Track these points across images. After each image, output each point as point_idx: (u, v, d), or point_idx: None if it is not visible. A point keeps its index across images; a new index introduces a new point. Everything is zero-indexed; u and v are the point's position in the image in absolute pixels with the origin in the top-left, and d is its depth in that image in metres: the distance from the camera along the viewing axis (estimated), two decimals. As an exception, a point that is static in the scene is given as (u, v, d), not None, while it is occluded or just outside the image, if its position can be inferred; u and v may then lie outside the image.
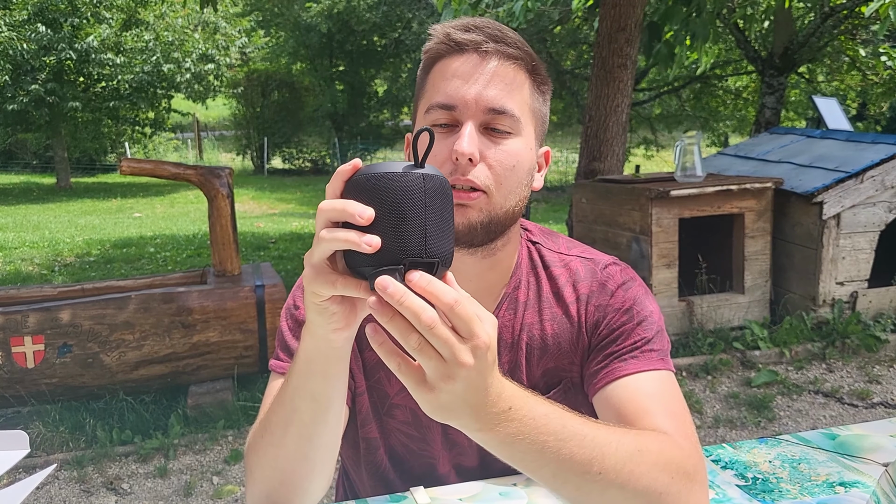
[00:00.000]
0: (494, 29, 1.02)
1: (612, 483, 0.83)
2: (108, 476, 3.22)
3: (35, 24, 14.71)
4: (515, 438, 0.77)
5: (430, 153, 0.76)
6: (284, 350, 1.12)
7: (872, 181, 4.32)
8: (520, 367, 1.14)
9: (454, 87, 0.99)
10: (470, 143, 0.96)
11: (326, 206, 0.69)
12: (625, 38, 5.12)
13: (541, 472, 0.81)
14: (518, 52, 1.02)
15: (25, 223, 11.03)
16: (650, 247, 4.30)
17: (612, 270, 1.15)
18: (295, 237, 9.29)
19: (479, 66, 1.00)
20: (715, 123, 18.84)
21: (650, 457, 0.87)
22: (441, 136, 1.00)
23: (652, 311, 1.13)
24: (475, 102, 0.98)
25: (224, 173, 3.81)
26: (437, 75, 1.03)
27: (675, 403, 1.02)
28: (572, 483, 0.82)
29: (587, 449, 0.81)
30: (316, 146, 23.79)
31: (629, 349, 1.08)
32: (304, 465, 0.94)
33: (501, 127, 1.00)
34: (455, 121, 1.00)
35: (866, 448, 1.27)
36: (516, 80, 1.02)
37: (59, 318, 3.49)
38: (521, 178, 1.03)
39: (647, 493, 0.85)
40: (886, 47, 11.82)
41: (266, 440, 0.95)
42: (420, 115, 1.05)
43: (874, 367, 4.22)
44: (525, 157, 1.03)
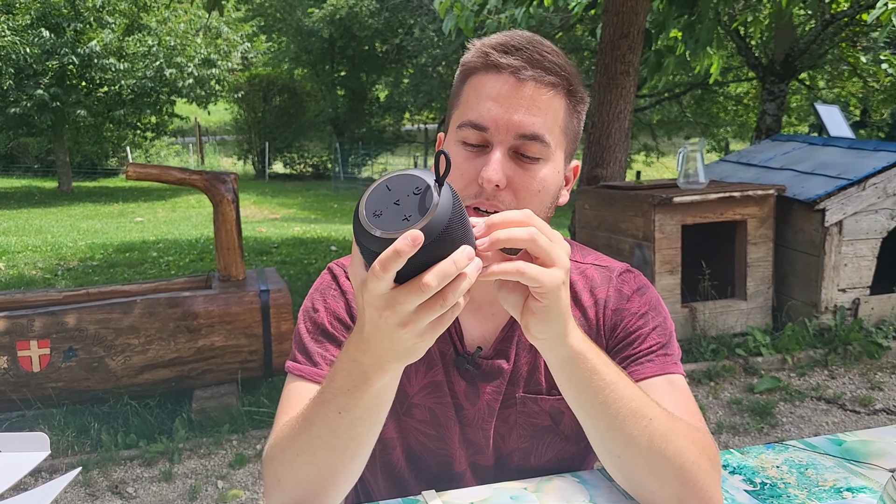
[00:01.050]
0: (534, 51, 1.01)
1: (659, 434, 0.94)
2: (113, 480, 3.23)
3: (38, 29, 14.77)
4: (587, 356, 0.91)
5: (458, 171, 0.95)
6: (302, 352, 1.14)
7: (874, 188, 4.34)
8: (539, 368, 1.17)
9: (487, 109, 1.00)
10: (497, 170, 0.98)
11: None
12: (627, 45, 5.14)
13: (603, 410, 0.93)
14: (555, 77, 1.02)
15: (28, 227, 11.05)
16: (653, 253, 4.32)
17: (626, 277, 1.19)
18: (297, 242, 9.31)
19: (515, 91, 1.00)
20: (715, 129, 18.89)
21: (684, 429, 0.98)
22: (470, 155, 1.02)
23: (665, 316, 1.17)
24: (507, 128, 1.00)
25: (229, 179, 3.83)
26: (472, 91, 1.04)
27: (692, 405, 1.08)
28: (629, 423, 0.93)
29: (638, 396, 0.94)
30: (317, 151, 23.87)
31: (645, 353, 1.12)
32: (349, 477, 0.98)
33: (531, 153, 1.01)
34: (485, 141, 1.01)
35: (873, 454, 1.28)
36: (552, 104, 1.02)
37: (65, 323, 3.51)
38: (547, 200, 1.05)
39: (681, 457, 0.95)
40: (887, 54, 11.84)
41: (307, 460, 0.95)
42: (453, 126, 1.06)
43: (876, 373, 4.23)
44: (552, 181, 1.05)
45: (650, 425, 0.93)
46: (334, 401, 0.89)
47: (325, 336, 1.14)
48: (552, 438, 1.20)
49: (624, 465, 0.98)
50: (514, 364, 1.17)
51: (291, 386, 1.11)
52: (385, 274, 0.69)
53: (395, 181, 0.72)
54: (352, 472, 0.97)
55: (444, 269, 0.69)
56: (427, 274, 0.69)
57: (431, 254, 0.70)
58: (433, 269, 0.69)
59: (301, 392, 1.08)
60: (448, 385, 1.17)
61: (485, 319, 1.17)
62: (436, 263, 0.70)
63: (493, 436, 1.19)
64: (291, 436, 0.98)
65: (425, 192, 0.71)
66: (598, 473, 1.18)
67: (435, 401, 1.17)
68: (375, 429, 0.93)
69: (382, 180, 0.73)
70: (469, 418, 1.18)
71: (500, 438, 1.19)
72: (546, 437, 1.20)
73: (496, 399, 1.17)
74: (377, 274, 0.69)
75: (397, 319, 0.73)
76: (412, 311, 0.72)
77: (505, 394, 1.17)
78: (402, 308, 0.72)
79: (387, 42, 21.98)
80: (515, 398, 1.17)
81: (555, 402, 1.18)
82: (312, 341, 1.14)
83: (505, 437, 1.19)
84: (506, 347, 1.16)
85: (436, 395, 1.17)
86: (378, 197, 0.72)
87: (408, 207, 0.71)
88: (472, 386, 1.16)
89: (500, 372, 1.16)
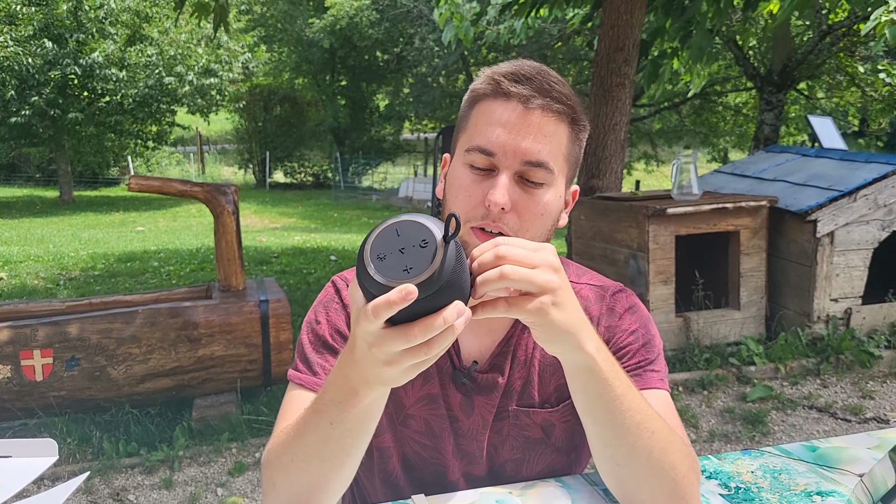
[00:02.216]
0: (543, 81, 1.06)
1: (659, 447, 0.99)
2: (114, 487, 3.28)
3: (41, 40, 14.84)
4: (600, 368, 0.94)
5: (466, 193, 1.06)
6: (304, 362, 1.18)
7: (865, 199, 4.40)
8: (531, 383, 1.22)
9: (496, 135, 1.05)
10: (503, 193, 1.02)
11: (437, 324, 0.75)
12: (623, 58, 5.21)
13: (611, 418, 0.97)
14: (562, 106, 1.06)
15: (29, 237, 11.10)
16: (647, 263, 4.37)
17: (619, 297, 1.25)
18: (297, 252, 9.35)
19: (523, 118, 1.05)
20: (715, 139, 18.94)
21: (679, 443, 1.03)
22: (477, 178, 1.06)
23: (654, 335, 1.23)
24: (514, 153, 1.04)
25: (230, 190, 3.89)
26: (480, 116, 1.08)
27: (676, 420, 1.13)
28: (633, 434, 0.98)
29: (644, 408, 0.99)
30: (318, 160, 23.91)
31: (634, 367, 1.17)
32: (340, 483, 1.03)
33: (535, 179, 1.06)
34: (492, 165, 1.06)
35: (844, 460, 1.32)
36: (557, 132, 1.07)
37: (68, 332, 3.56)
38: (548, 224, 1.10)
39: (675, 470, 1.01)
40: (885, 64, 11.90)
41: (301, 466, 1.00)
42: (460, 148, 1.10)
43: (868, 382, 4.28)
44: (554, 206, 1.10)
45: (652, 438, 0.98)
46: (326, 412, 0.93)
47: (326, 348, 1.18)
48: (543, 450, 1.24)
49: (621, 472, 1.02)
50: (509, 378, 1.21)
51: (292, 394, 1.16)
52: (375, 319, 0.74)
53: (405, 227, 0.75)
54: (342, 480, 1.02)
55: (432, 323, 0.74)
56: (416, 325, 0.74)
57: (425, 306, 0.74)
58: (423, 321, 0.74)
59: (300, 400, 1.12)
60: (443, 397, 1.21)
61: (482, 335, 1.21)
62: (428, 314, 0.74)
63: (486, 447, 1.23)
64: (287, 442, 1.02)
65: (431, 246, 0.74)
66: (581, 478, 1.23)
67: (430, 412, 1.21)
68: (364, 440, 0.97)
69: (393, 223, 0.76)
70: (464, 430, 1.22)
71: (494, 449, 1.24)
72: (538, 448, 1.24)
73: (490, 412, 1.21)
74: (368, 316, 0.74)
75: (383, 357, 0.78)
76: (398, 352, 0.77)
77: (498, 407, 1.21)
78: (389, 349, 0.77)
79: (387, 52, 22.07)
80: (508, 411, 1.21)
81: (546, 415, 1.22)
82: (314, 352, 1.18)
83: (498, 448, 1.24)
84: (501, 362, 1.20)
85: (431, 406, 1.21)
86: (385, 240, 0.75)
87: (411, 258, 0.73)
88: (468, 399, 1.21)
89: (495, 385, 1.20)
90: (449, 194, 1.11)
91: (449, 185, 1.12)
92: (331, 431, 0.94)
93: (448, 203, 1.11)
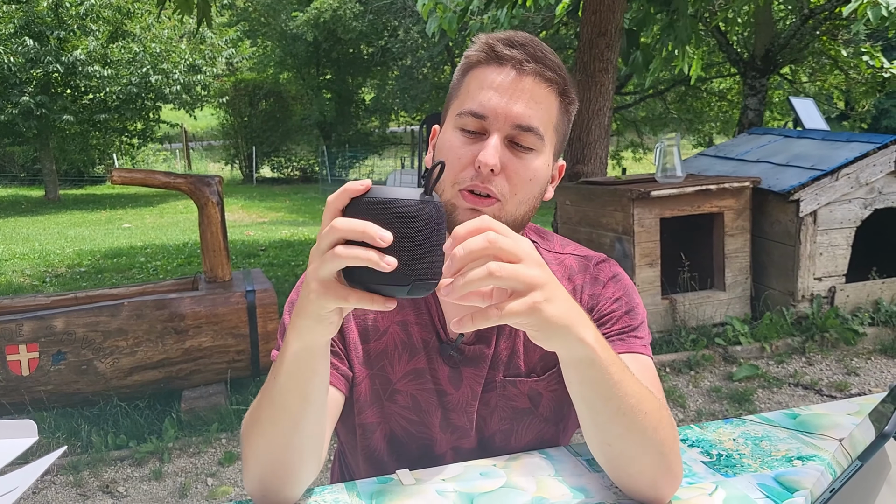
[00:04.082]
0: (536, 49, 1.07)
1: (651, 427, 0.98)
2: (103, 480, 3.27)
3: (22, 38, 14.72)
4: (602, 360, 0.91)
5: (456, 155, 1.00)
6: None
7: (847, 178, 4.42)
8: (517, 353, 1.23)
9: (488, 98, 1.06)
10: (494, 154, 1.03)
11: (343, 225, 0.75)
12: (605, 43, 5.22)
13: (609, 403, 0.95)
14: (554, 75, 1.08)
15: (15, 235, 11.03)
16: (633, 247, 4.39)
17: (602, 266, 1.26)
18: (285, 245, 9.34)
19: (516, 83, 1.06)
20: (700, 126, 18.98)
21: (668, 418, 1.03)
22: (468, 141, 1.07)
23: (637, 303, 1.24)
24: (505, 116, 1.05)
25: (214, 181, 3.88)
26: (473, 82, 1.09)
27: (657, 386, 1.13)
28: (628, 418, 0.96)
29: (639, 391, 0.97)
30: (304, 155, 23.84)
31: (617, 333, 1.18)
32: (293, 454, 1.01)
33: (525, 143, 1.07)
34: (483, 129, 1.06)
35: (825, 426, 1.33)
36: (547, 100, 1.08)
37: (53, 326, 3.55)
38: (535, 190, 1.11)
39: (664, 446, 1.00)
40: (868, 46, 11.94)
41: (257, 431, 1.01)
42: (452, 115, 1.11)
43: (852, 359, 4.32)
44: (542, 173, 1.10)
45: (645, 419, 0.97)
46: (273, 368, 0.96)
47: None
48: (531, 421, 1.25)
49: (611, 451, 1.02)
50: (495, 349, 1.21)
51: None
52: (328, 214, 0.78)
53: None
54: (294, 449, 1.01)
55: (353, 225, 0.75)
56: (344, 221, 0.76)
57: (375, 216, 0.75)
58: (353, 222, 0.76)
59: None
60: (430, 372, 1.21)
61: (466, 307, 1.23)
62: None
63: (475, 419, 1.24)
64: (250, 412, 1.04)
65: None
66: (564, 450, 1.23)
67: (417, 387, 1.22)
68: (302, 401, 0.96)
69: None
70: (453, 403, 1.22)
71: (483, 421, 1.24)
72: (525, 419, 1.25)
73: (479, 383, 1.21)
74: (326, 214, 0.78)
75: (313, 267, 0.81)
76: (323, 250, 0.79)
77: (486, 378, 1.22)
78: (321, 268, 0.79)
79: (372, 45, 21.99)
80: (496, 382, 1.22)
81: (533, 385, 1.23)
82: None
83: (487, 419, 1.24)
84: (487, 333, 1.20)
85: (418, 381, 1.22)
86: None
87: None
88: (456, 371, 1.21)
89: (482, 357, 1.21)
90: (438, 158, 1.11)
91: (439, 149, 1.12)
92: (272, 388, 0.96)
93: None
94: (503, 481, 1.14)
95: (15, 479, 0.92)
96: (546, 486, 1.12)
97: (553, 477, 1.14)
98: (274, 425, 0.98)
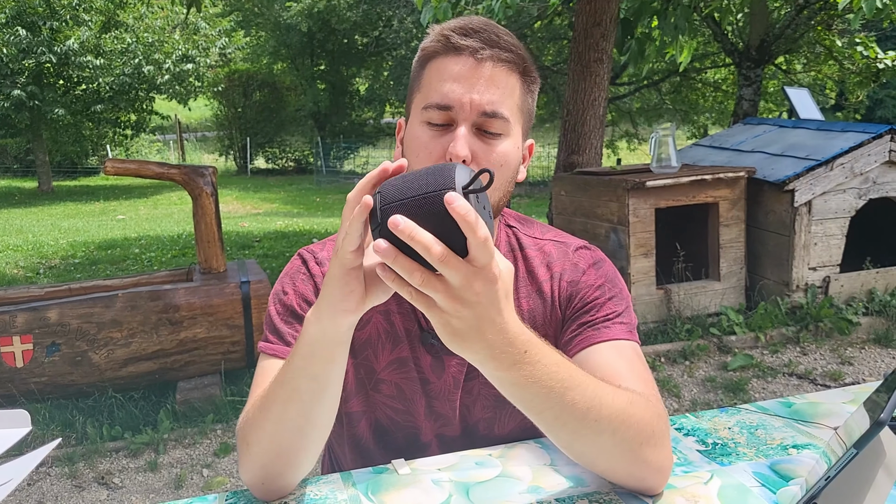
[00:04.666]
0: (491, 33, 1.08)
1: (606, 430, 0.94)
2: (99, 471, 3.27)
3: (14, 28, 14.63)
4: (528, 381, 0.87)
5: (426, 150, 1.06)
6: (273, 333, 1.18)
7: (842, 168, 4.43)
8: None
9: (450, 89, 1.06)
10: (464, 145, 1.04)
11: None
12: (600, 33, 5.20)
13: (544, 415, 0.92)
14: (511, 55, 1.08)
15: (8, 227, 10.99)
16: (628, 237, 4.39)
17: (582, 252, 1.25)
18: (279, 236, 9.32)
19: (475, 70, 1.07)
20: (695, 116, 18.96)
21: (638, 410, 0.98)
22: (436, 134, 1.08)
23: (621, 288, 1.22)
24: (470, 105, 1.06)
25: (208, 172, 3.87)
26: (433, 74, 1.10)
27: (644, 370, 1.12)
28: (570, 427, 0.93)
29: (588, 398, 0.92)
30: (299, 146, 23.75)
31: (601, 320, 1.17)
32: (301, 440, 1.02)
33: (493, 129, 1.08)
34: (450, 120, 1.07)
35: (820, 414, 1.33)
36: (508, 82, 1.09)
37: (47, 318, 3.54)
38: (509, 174, 1.12)
39: (632, 440, 0.97)
40: (862, 37, 11.93)
41: (265, 415, 1.01)
42: (416, 109, 1.11)
43: (846, 349, 4.33)
44: (513, 156, 1.11)
45: (597, 425, 0.94)
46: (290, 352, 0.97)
47: (295, 317, 1.18)
48: (514, 409, 1.26)
49: (570, 451, 1.01)
50: None
51: (264, 364, 1.16)
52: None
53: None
54: (303, 435, 1.01)
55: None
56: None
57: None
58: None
59: (273, 368, 1.12)
60: (414, 360, 1.22)
61: None
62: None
63: (459, 407, 1.24)
64: (258, 398, 1.04)
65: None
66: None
67: (401, 376, 1.22)
68: (315, 386, 0.96)
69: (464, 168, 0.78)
70: (436, 392, 1.23)
71: (466, 409, 1.25)
72: (508, 406, 1.24)
73: (461, 371, 1.22)
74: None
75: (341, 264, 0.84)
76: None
77: (469, 366, 1.22)
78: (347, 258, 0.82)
79: (366, 35, 21.91)
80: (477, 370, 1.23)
81: None
82: (283, 322, 1.18)
83: (470, 407, 1.25)
84: None
85: (402, 370, 1.22)
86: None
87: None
88: (438, 360, 1.22)
89: None
90: (409, 155, 1.11)
91: (408, 146, 1.12)
92: (285, 371, 0.97)
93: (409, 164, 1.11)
94: (499, 471, 1.14)
95: (9, 472, 0.92)
96: (542, 476, 1.12)
97: (549, 466, 1.15)
98: (285, 409, 0.99)
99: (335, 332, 0.91)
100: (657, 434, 1.00)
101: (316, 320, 0.90)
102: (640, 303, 4.45)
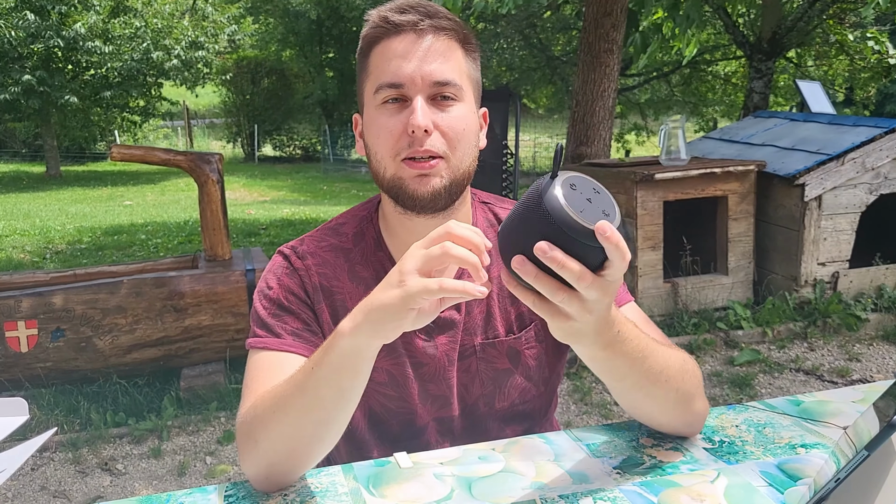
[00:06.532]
0: (427, 7, 1.11)
1: (671, 387, 1.05)
2: (102, 457, 3.28)
3: (22, 12, 14.62)
4: (618, 355, 0.94)
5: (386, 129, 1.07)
6: (262, 327, 1.17)
7: (853, 163, 4.39)
8: (493, 315, 1.24)
9: (398, 66, 1.08)
10: (423, 116, 1.06)
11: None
12: (611, 24, 5.17)
13: (624, 382, 1.01)
14: (449, 23, 1.11)
15: (16, 212, 11.02)
16: (635, 229, 4.36)
17: None
18: (286, 224, 9.32)
19: (417, 43, 1.09)
20: (704, 109, 18.87)
21: (690, 366, 1.10)
22: (393, 112, 1.09)
23: None
24: (420, 78, 1.07)
25: (214, 159, 3.86)
26: (378, 57, 1.11)
27: (654, 328, 1.18)
28: (645, 390, 1.03)
29: (660, 362, 1.01)
30: (306, 133, 23.74)
31: None
32: (317, 444, 1.02)
33: (447, 95, 1.09)
34: (404, 96, 1.09)
35: (829, 413, 1.32)
36: (451, 51, 1.11)
37: (52, 303, 3.54)
38: (471, 139, 1.13)
39: (688, 393, 1.09)
40: (874, 31, 11.86)
41: (281, 418, 1.00)
42: (368, 95, 1.13)
43: (854, 345, 4.31)
44: (471, 120, 1.13)
45: (667, 385, 1.03)
46: (313, 358, 0.96)
47: (282, 309, 1.18)
48: (513, 380, 1.26)
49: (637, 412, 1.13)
50: (467, 314, 1.22)
51: (256, 357, 1.15)
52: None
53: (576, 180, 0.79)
54: (320, 440, 1.01)
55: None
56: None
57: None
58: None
59: (267, 361, 1.13)
60: (404, 346, 1.21)
61: None
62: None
63: (456, 386, 1.24)
64: (270, 396, 1.02)
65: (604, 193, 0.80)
66: (564, 434, 1.22)
67: (391, 362, 1.21)
68: (339, 397, 0.96)
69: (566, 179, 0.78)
70: (429, 373, 1.22)
71: (464, 389, 1.24)
72: (507, 378, 1.25)
73: (453, 349, 1.22)
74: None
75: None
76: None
77: (462, 343, 1.22)
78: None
79: (374, 23, 21.81)
80: (475, 346, 1.23)
81: (512, 342, 1.24)
82: (270, 316, 1.17)
83: (468, 386, 1.24)
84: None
85: (391, 356, 1.21)
86: (572, 193, 0.77)
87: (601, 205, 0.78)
88: (428, 340, 1.21)
89: (452, 323, 1.21)
90: (370, 140, 1.14)
91: (368, 132, 1.14)
92: (309, 378, 0.96)
93: (372, 149, 1.13)
94: (502, 466, 1.13)
95: (3, 461, 0.91)
96: (545, 471, 1.10)
97: (552, 462, 1.13)
98: (305, 416, 0.98)
99: (368, 350, 0.92)
100: (701, 385, 1.13)
101: (351, 337, 0.90)
102: (646, 296, 4.43)
